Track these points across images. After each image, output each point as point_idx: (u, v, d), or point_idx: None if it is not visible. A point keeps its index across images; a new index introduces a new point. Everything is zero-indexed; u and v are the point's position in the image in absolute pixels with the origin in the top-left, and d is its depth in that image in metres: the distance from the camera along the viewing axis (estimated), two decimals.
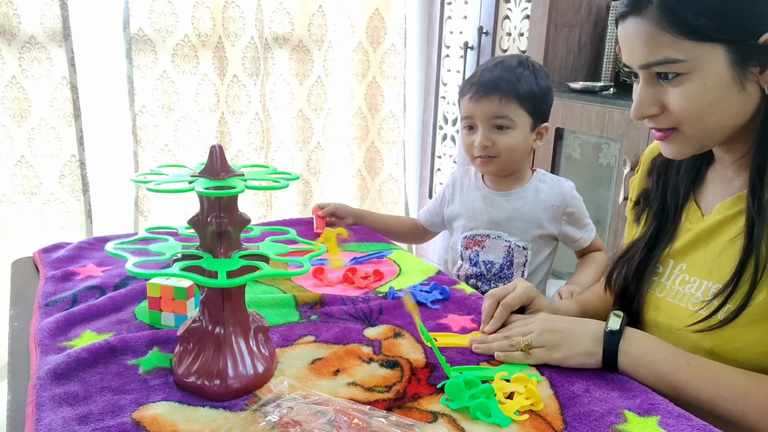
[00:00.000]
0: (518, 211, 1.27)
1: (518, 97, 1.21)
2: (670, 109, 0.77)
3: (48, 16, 1.94)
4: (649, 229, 0.93)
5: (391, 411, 0.70)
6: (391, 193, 2.71)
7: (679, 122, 0.78)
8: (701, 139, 0.79)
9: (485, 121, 1.22)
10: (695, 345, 0.81)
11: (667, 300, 0.87)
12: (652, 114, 0.79)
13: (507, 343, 0.84)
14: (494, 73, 1.22)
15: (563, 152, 1.97)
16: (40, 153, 2.02)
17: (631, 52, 0.78)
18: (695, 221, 0.88)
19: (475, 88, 1.22)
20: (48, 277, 1.05)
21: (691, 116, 0.76)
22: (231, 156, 2.31)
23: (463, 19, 2.55)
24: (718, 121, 0.76)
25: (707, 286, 0.82)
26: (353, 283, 1.08)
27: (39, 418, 0.66)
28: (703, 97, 0.75)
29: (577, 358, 0.80)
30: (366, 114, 2.62)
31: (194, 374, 0.72)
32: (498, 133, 1.22)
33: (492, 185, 1.31)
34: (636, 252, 0.93)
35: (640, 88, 0.79)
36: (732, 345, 0.78)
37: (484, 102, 1.21)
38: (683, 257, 0.87)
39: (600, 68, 2.10)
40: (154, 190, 0.70)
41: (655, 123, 0.80)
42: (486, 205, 1.30)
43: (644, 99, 0.79)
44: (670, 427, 0.68)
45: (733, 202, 0.83)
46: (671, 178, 0.92)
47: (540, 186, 1.29)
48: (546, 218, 1.27)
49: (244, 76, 2.25)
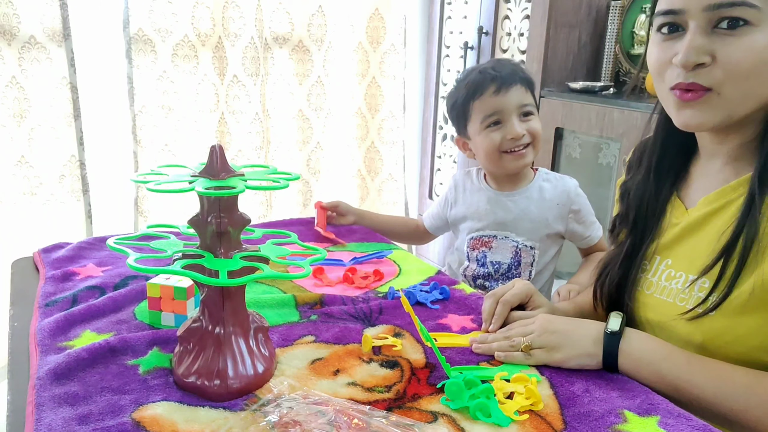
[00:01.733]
0: (525, 212, 1.28)
1: (529, 85, 1.26)
2: (720, 62, 0.72)
3: (48, 16, 1.94)
4: (624, 243, 0.93)
5: (391, 411, 0.70)
6: (391, 193, 2.71)
7: (722, 80, 0.73)
8: (735, 106, 0.75)
9: (515, 111, 1.23)
10: (686, 340, 0.81)
11: (655, 296, 0.87)
12: (701, 63, 0.73)
13: (507, 343, 0.84)
14: (503, 69, 1.25)
15: (563, 152, 1.97)
16: (40, 153, 2.02)
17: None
18: (680, 215, 0.87)
19: (498, 82, 1.23)
20: (48, 277, 1.05)
21: (742, 73, 0.72)
22: (231, 156, 2.31)
23: (463, 19, 2.55)
24: (761, 86, 0.73)
25: (693, 280, 0.82)
26: (353, 283, 1.08)
27: (39, 418, 0.66)
28: (761, 55, 0.71)
29: (577, 359, 0.80)
30: (366, 114, 2.62)
31: (194, 374, 0.72)
32: (526, 120, 1.25)
33: (496, 186, 1.32)
34: (614, 267, 0.93)
35: (692, 35, 0.73)
36: (722, 338, 0.78)
37: (512, 93, 1.23)
38: (669, 252, 0.87)
39: (600, 68, 2.10)
40: (154, 190, 0.70)
41: (696, 78, 0.74)
42: (491, 206, 1.30)
43: (697, 45, 0.73)
44: (670, 427, 0.68)
45: (717, 195, 0.82)
46: (648, 186, 0.90)
47: (544, 185, 1.29)
48: (553, 217, 1.27)
49: (244, 76, 2.25)
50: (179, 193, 0.70)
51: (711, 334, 0.78)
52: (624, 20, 2.03)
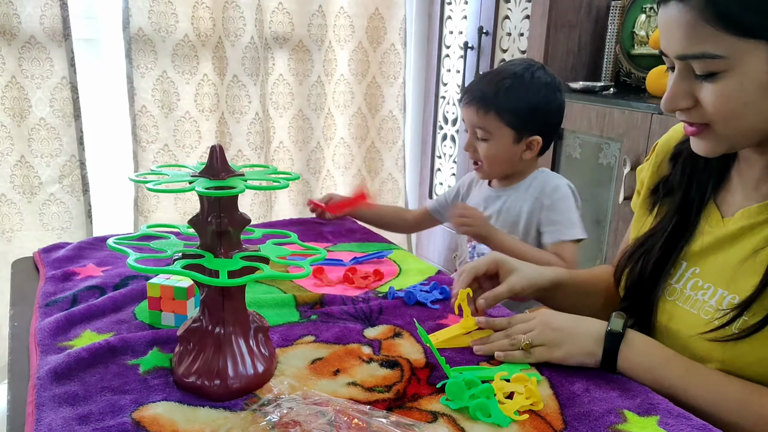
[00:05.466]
0: (507, 205, 1.31)
1: (497, 110, 1.23)
2: (703, 106, 0.73)
3: (48, 16, 1.93)
4: (669, 221, 0.87)
5: (391, 411, 0.70)
6: (391, 193, 2.71)
7: (711, 120, 0.73)
8: (733, 140, 0.75)
9: (469, 128, 1.29)
10: (706, 355, 0.78)
11: (677, 304, 0.84)
12: (684, 107, 0.75)
13: (508, 342, 0.84)
14: (480, 82, 1.28)
15: (563, 152, 1.97)
16: (40, 153, 2.02)
17: (669, 41, 0.73)
18: (714, 224, 0.83)
19: (463, 96, 1.29)
20: (48, 277, 1.05)
21: (725, 116, 0.72)
22: (231, 156, 2.31)
23: (463, 19, 2.55)
24: (752, 122, 0.72)
25: (722, 295, 0.79)
26: (353, 283, 1.08)
27: (39, 418, 0.66)
28: (738, 97, 0.70)
29: (578, 357, 0.80)
30: (366, 114, 2.62)
31: (194, 374, 0.72)
32: (479, 141, 1.28)
33: (493, 184, 1.37)
34: (654, 245, 0.88)
35: (674, 79, 0.74)
36: (744, 359, 0.75)
37: (467, 110, 1.28)
38: (697, 261, 0.84)
39: (600, 68, 2.10)
40: (154, 190, 0.70)
41: (686, 117, 0.76)
42: (484, 200, 1.36)
43: (677, 91, 0.74)
44: (670, 427, 0.68)
45: (759, 209, 0.78)
46: (698, 169, 0.86)
47: (533, 182, 1.32)
48: (527, 209, 1.29)
49: (244, 76, 2.25)
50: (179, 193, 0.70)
51: (733, 353, 0.76)
52: (624, 20, 2.03)
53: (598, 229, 1.86)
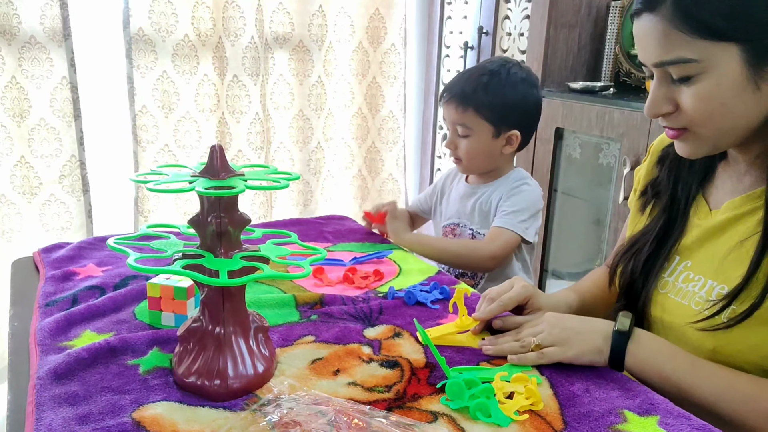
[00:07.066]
0: (479, 200, 1.34)
1: (476, 106, 1.26)
2: (683, 109, 0.76)
3: (48, 16, 1.94)
4: (657, 221, 0.91)
5: (391, 411, 0.70)
6: (391, 194, 2.71)
7: (691, 122, 0.77)
8: (714, 140, 0.78)
9: (450, 126, 1.31)
10: (698, 344, 0.81)
11: (670, 297, 0.87)
12: (665, 113, 0.78)
13: (518, 344, 0.84)
14: (459, 80, 1.30)
15: (563, 152, 1.97)
16: (40, 153, 2.02)
17: (645, 50, 0.77)
18: (703, 216, 0.86)
19: (442, 94, 1.31)
20: (48, 277, 1.05)
21: (704, 117, 0.75)
22: (231, 156, 2.31)
23: (463, 19, 2.55)
24: (731, 121, 0.75)
25: (711, 286, 0.81)
26: (353, 283, 1.08)
27: (39, 418, 0.66)
28: (716, 98, 0.73)
29: (589, 355, 0.80)
30: (366, 114, 2.62)
31: (194, 374, 0.72)
32: (460, 137, 1.30)
33: (470, 180, 1.40)
34: (644, 245, 0.91)
35: (654, 86, 0.78)
36: (734, 347, 0.77)
37: (446, 108, 1.30)
38: (689, 254, 0.86)
39: (600, 68, 2.10)
40: (154, 190, 0.70)
41: (667, 122, 0.79)
42: (460, 197, 1.39)
43: (657, 97, 0.78)
44: (670, 427, 0.68)
45: (742, 200, 0.81)
46: (683, 171, 0.90)
47: (506, 180, 1.34)
48: (494, 204, 1.32)
49: (244, 76, 2.25)
50: (179, 193, 0.70)
51: (724, 341, 0.78)
52: (624, 20, 2.03)
53: (598, 229, 1.86)
